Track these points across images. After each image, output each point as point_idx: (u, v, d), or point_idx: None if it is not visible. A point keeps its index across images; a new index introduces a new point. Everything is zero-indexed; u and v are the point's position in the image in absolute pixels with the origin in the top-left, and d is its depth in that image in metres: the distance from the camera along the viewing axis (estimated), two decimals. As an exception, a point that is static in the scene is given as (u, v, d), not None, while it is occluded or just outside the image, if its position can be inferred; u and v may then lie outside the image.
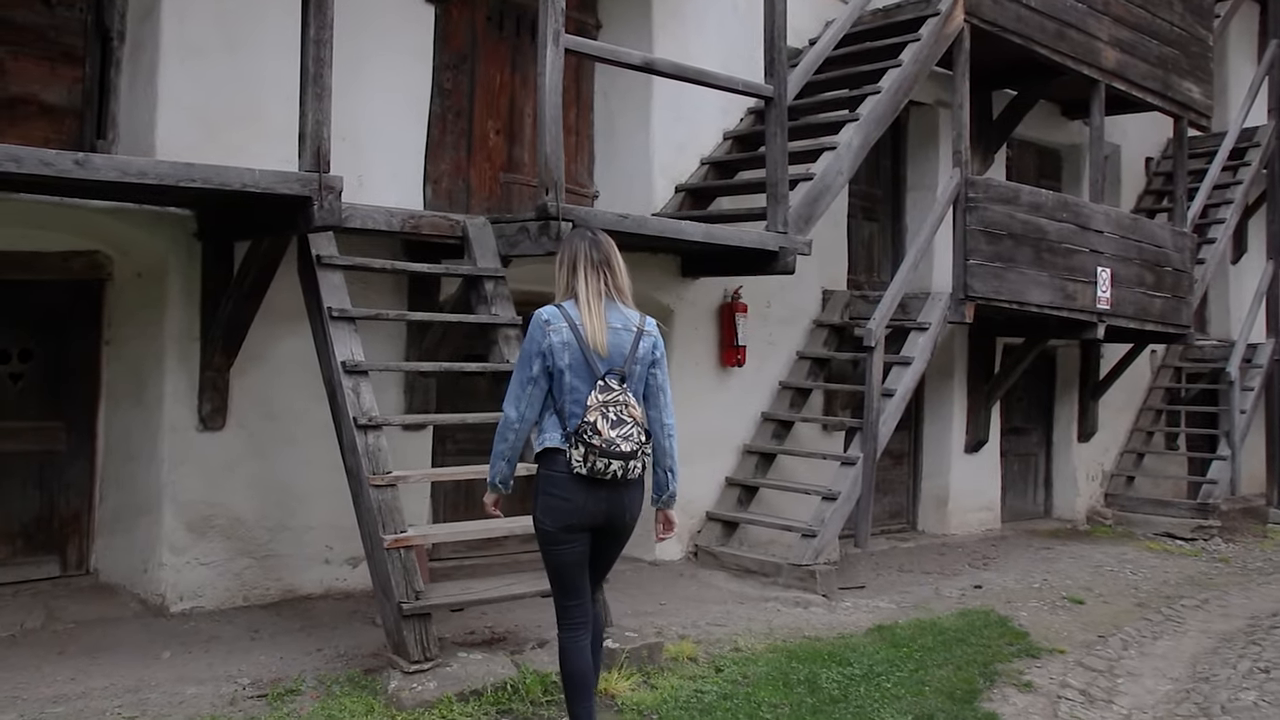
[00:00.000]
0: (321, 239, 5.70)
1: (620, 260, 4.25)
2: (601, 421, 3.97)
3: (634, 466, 4.04)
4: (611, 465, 3.98)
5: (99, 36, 6.36)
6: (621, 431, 3.99)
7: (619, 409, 4.01)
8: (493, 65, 7.96)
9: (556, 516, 4.09)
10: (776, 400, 9.03)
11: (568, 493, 4.06)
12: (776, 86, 7.30)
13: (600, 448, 3.95)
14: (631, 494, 4.16)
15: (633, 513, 4.21)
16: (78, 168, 4.59)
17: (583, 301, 4.12)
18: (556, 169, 6.17)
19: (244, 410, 6.41)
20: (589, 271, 4.16)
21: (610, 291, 4.17)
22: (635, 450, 4.02)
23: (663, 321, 8.27)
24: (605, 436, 3.96)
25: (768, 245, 7.33)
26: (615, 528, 4.20)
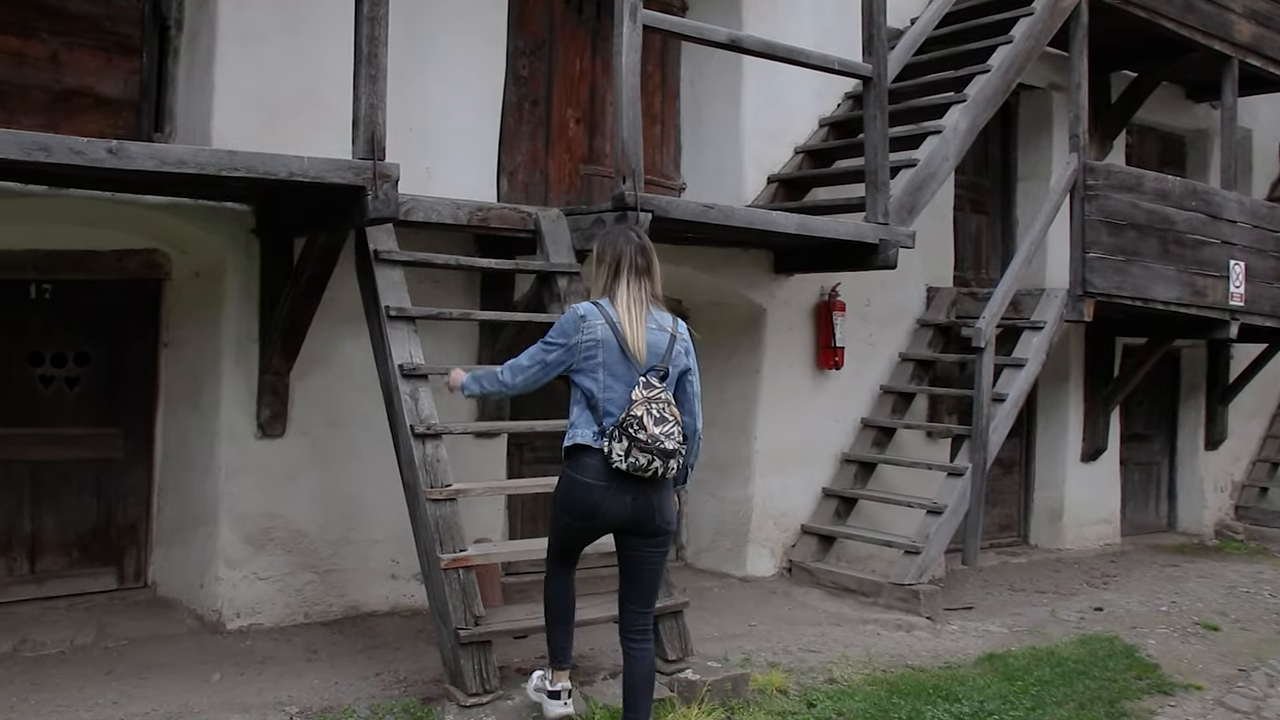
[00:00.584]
0: (380, 233, 5.31)
1: (658, 265, 4.25)
2: (647, 417, 3.94)
3: (673, 466, 4.01)
4: (654, 462, 3.95)
5: (157, 25, 6.07)
6: (665, 429, 3.96)
7: (662, 406, 4.00)
8: (572, 51, 7.53)
9: (579, 514, 4.12)
10: (877, 405, 8.43)
11: (594, 494, 4.04)
12: (876, 65, 6.73)
13: (644, 443, 3.92)
14: (661, 495, 4.10)
15: (664, 515, 4.14)
16: (111, 156, 4.25)
17: (622, 306, 4.11)
18: (634, 156, 5.70)
19: (305, 416, 6.06)
20: (631, 278, 4.15)
21: (648, 299, 4.16)
22: (676, 450, 4.00)
23: (755, 321, 7.78)
24: (650, 432, 3.93)
25: (866, 237, 6.76)
26: (646, 530, 4.12)
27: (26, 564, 5.86)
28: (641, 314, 4.10)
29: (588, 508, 4.07)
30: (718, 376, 7.95)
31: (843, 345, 8.04)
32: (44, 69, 5.76)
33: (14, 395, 5.83)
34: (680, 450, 4.03)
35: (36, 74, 5.74)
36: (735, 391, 7.88)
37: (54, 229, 5.67)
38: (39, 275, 5.80)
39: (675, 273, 7.38)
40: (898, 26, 8.25)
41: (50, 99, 5.77)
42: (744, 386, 7.86)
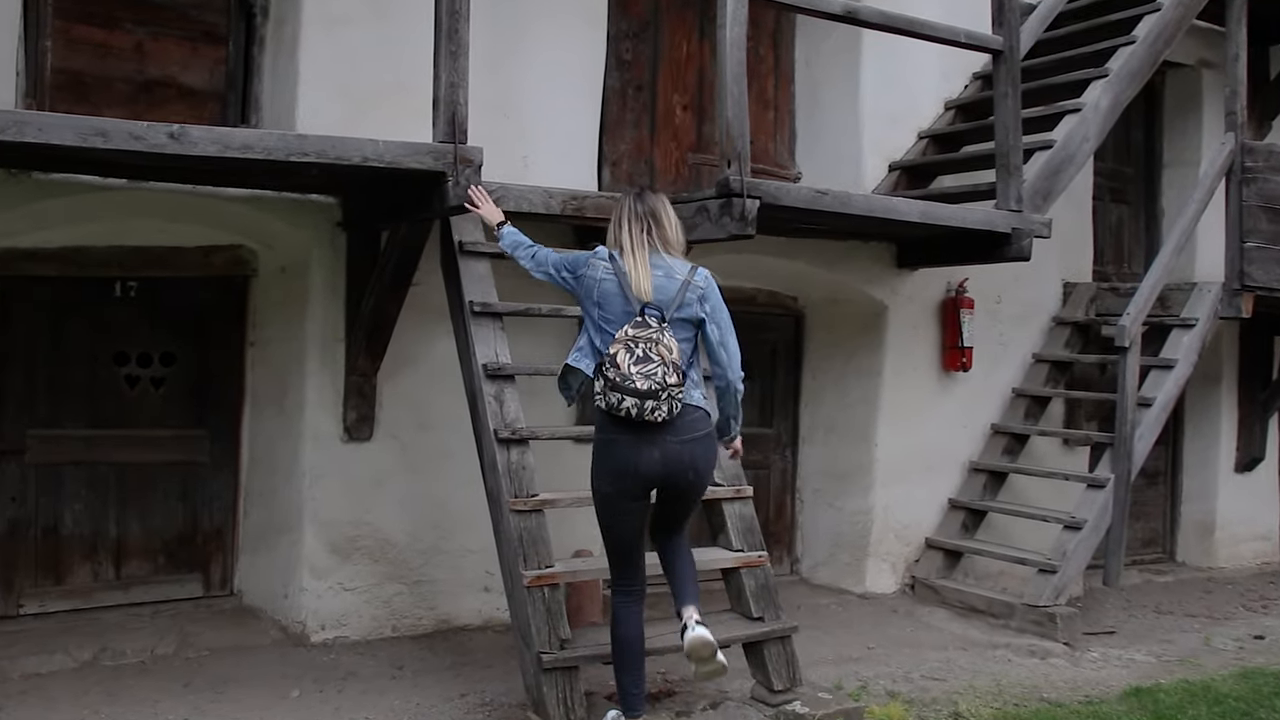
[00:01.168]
0: (465, 223, 4.98)
1: (672, 215, 4.14)
2: (623, 354, 3.82)
3: (651, 406, 3.79)
4: (625, 401, 3.79)
5: (243, 13, 5.86)
6: (643, 369, 3.79)
7: (648, 345, 3.84)
8: (678, 33, 7.11)
9: (607, 478, 3.99)
10: (1009, 410, 7.81)
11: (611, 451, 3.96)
12: (1007, 37, 6.16)
13: (614, 381, 3.80)
14: (691, 448, 3.96)
15: (699, 469, 4.02)
16: (172, 141, 3.99)
17: (626, 250, 4.02)
18: (739, 138, 5.25)
19: (394, 419, 5.76)
20: (632, 222, 4.06)
21: (654, 242, 4.05)
22: (654, 390, 3.78)
23: (875, 320, 7.26)
24: (622, 371, 3.79)
25: (997, 226, 6.19)
26: (681, 486, 4.02)
27: (112, 569, 5.69)
28: (644, 257, 3.99)
29: (615, 464, 3.96)
30: (836, 379, 7.45)
31: (971, 345, 7.45)
32: (128, 60, 5.58)
33: (100, 396, 5.66)
34: (662, 390, 3.79)
35: (120, 66, 5.57)
36: (855, 395, 7.36)
37: (137, 224, 5.49)
38: (124, 272, 5.63)
39: (788, 268, 6.92)
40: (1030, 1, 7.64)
41: (134, 91, 5.59)
42: (864, 389, 7.33)
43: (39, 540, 5.53)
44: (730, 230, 5.20)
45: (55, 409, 5.56)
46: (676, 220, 4.17)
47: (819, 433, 7.54)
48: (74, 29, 5.47)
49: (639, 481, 3.96)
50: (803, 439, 7.62)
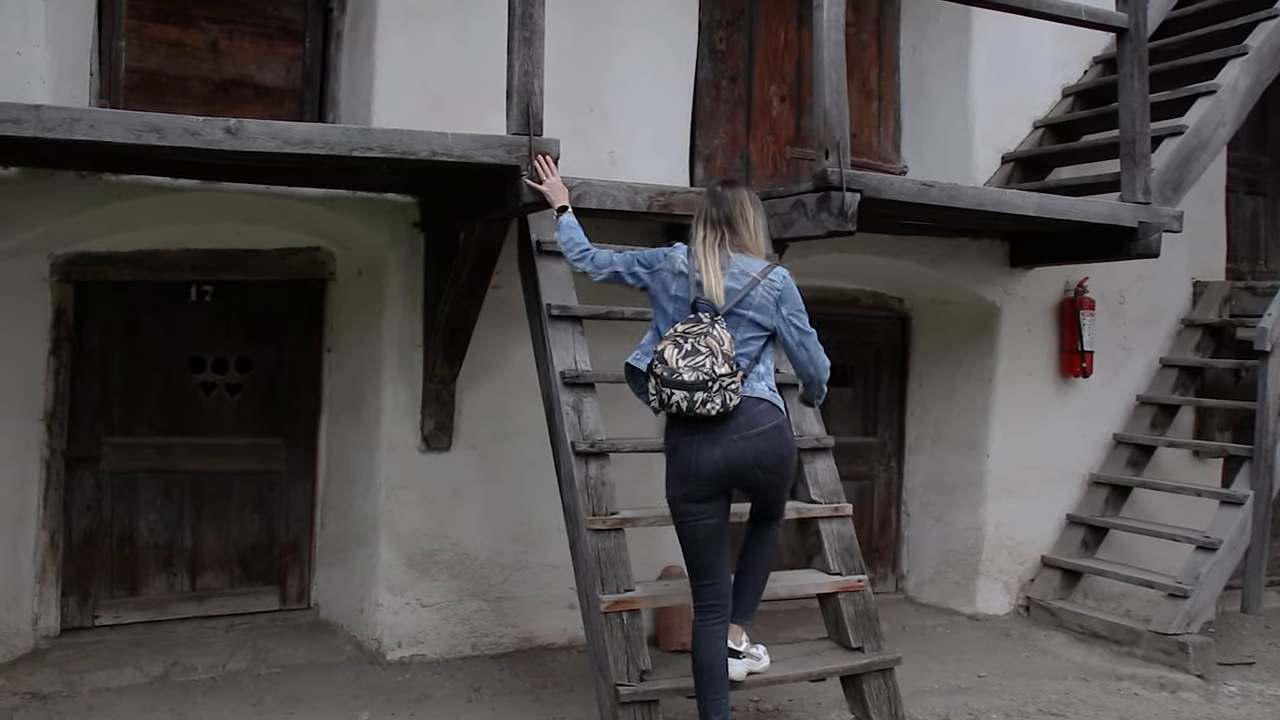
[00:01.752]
0: (544, 222, 4.70)
1: (750, 216, 3.92)
2: (671, 349, 3.70)
3: (701, 398, 3.63)
4: (674, 395, 3.66)
5: (320, 8, 5.67)
6: (691, 362, 3.65)
7: (697, 339, 3.70)
8: (775, 21, 6.74)
9: (674, 482, 3.82)
10: (1133, 419, 7.25)
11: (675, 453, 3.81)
12: (1132, 14, 5.66)
13: (662, 376, 3.68)
14: (754, 442, 3.74)
15: (766, 465, 3.78)
16: (230, 137, 3.78)
17: (698, 253, 3.88)
18: (838, 126, 4.87)
19: (474, 428, 5.51)
20: (707, 228, 3.90)
21: (729, 251, 3.86)
22: (703, 380, 3.63)
23: (987, 322, 6.79)
24: (669, 365, 3.68)
25: (1122, 220, 5.69)
26: (751, 484, 3.84)
27: (187, 580, 5.54)
28: (714, 259, 3.84)
29: (679, 466, 3.79)
30: (945, 385, 7.00)
31: (1091, 349, 6.93)
32: (203, 58, 5.43)
33: (175, 403, 5.52)
34: (712, 381, 3.62)
35: (195, 64, 5.42)
36: (964, 402, 6.90)
37: (212, 226, 5.33)
38: (198, 276, 5.47)
39: (893, 267, 6.50)
40: (1158, -24, 7.11)
41: (209, 90, 5.44)
42: (974, 397, 6.87)
43: (114, 550, 5.40)
44: (829, 226, 4.82)
45: (130, 416, 5.43)
46: (757, 220, 3.95)
47: (926, 442, 7.09)
48: (148, 28, 5.34)
49: (702, 483, 3.76)
50: (909, 449, 7.17)
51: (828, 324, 6.73)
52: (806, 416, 4.77)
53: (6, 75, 4.72)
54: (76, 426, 5.31)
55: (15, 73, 4.74)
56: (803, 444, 4.68)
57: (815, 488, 4.65)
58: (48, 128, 3.65)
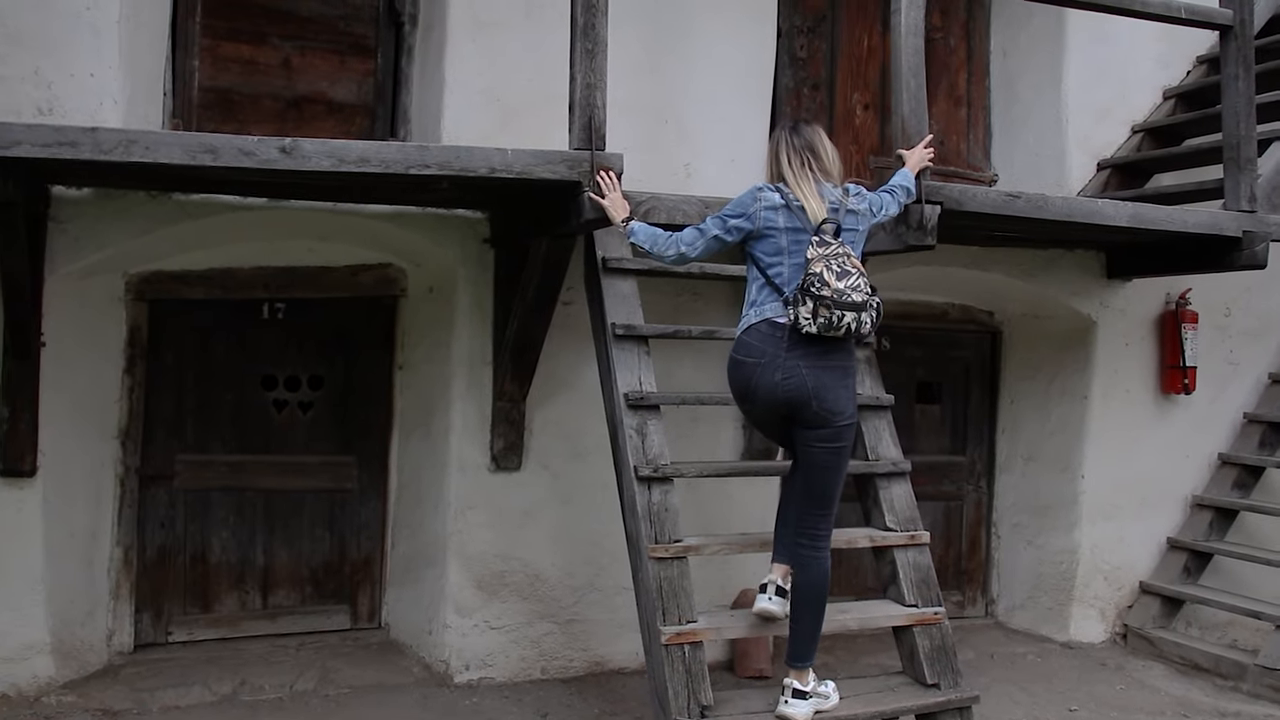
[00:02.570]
0: (611, 238, 4.59)
1: (828, 145, 4.05)
2: (827, 273, 3.73)
3: (865, 320, 3.76)
4: (845, 317, 3.71)
5: (391, 22, 5.63)
6: (849, 283, 3.73)
7: (841, 260, 3.78)
8: (859, 26, 6.55)
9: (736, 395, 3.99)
10: (1239, 438, 6.88)
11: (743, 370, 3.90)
12: (1237, 10, 5.34)
13: (831, 299, 3.70)
14: (823, 375, 3.79)
15: (824, 401, 3.80)
16: (285, 156, 3.73)
17: (789, 178, 3.94)
18: (918, 136, 4.66)
19: (544, 447, 5.41)
20: (791, 155, 3.96)
21: (815, 175, 3.95)
22: (865, 301, 3.75)
23: (1082, 336, 6.53)
24: (834, 287, 3.71)
25: (1225, 229, 5.38)
26: (805, 418, 3.83)
27: (259, 598, 5.53)
28: (808, 183, 3.91)
29: (738, 387, 3.94)
30: (1038, 403, 6.70)
31: (1194, 365, 6.58)
32: (275, 76, 5.43)
33: (248, 420, 5.52)
34: (869, 300, 3.77)
35: (268, 81, 5.42)
36: (1058, 420, 6.60)
37: (284, 244, 5.32)
38: (271, 294, 5.46)
39: (982, 280, 6.25)
40: (1265, -30, 6.74)
41: (281, 107, 5.44)
42: (1068, 414, 6.56)
43: (187, 567, 5.41)
44: (907, 241, 4.63)
45: (203, 434, 5.44)
46: (833, 150, 4.06)
47: (1017, 461, 6.80)
48: (221, 46, 5.35)
49: (760, 405, 3.90)
50: (999, 468, 6.89)
51: (914, 338, 6.58)
52: (883, 439, 4.59)
53: (80, 96, 4.77)
54: (151, 444, 5.34)
55: (88, 94, 4.79)
56: (878, 468, 4.50)
57: (891, 514, 4.45)
58: (104, 150, 3.65)
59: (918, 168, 4.49)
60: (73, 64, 4.77)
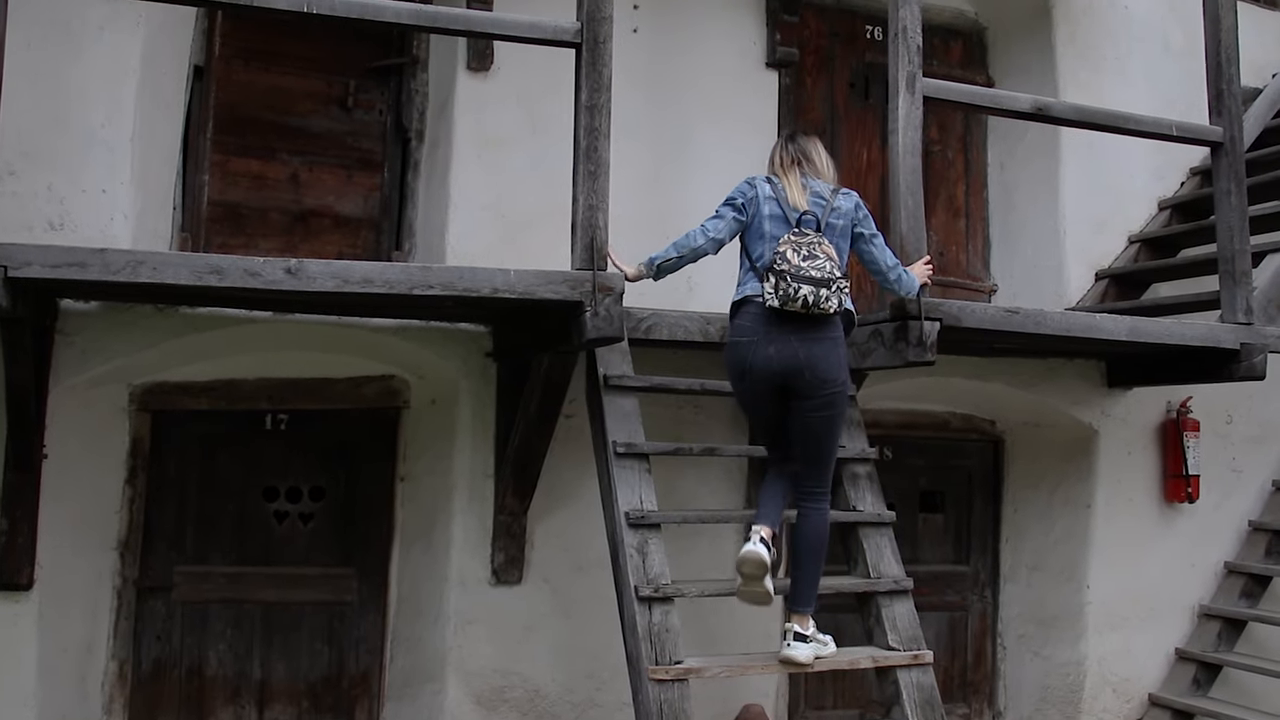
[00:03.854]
0: (612, 355, 4.62)
1: (823, 153, 4.40)
2: (791, 252, 4.02)
3: (824, 295, 3.98)
4: (801, 290, 3.96)
5: (398, 139, 5.76)
6: (812, 263, 4.00)
7: (811, 246, 4.05)
8: (857, 140, 6.67)
9: (733, 374, 4.22)
10: (1246, 546, 6.83)
11: (738, 350, 4.14)
12: (1227, 127, 5.44)
13: (789, 273, 3.98)
14: (809, 347, 4.04)
15: (816, 371, 4.05)
16: (290, 277, 3.79)
17: (781, 175, 4.30)
18: (916, 252, 4.73)
19: (545, 561, 5.39)
20: (784, 156, 4.35)
21: (805, 173, 4.30)
22: (825, 279, 3.99)
23: (1084, 445, 6.51)
24: (793, 263, 3.99)
25: (1222, 342, 5.41)
26: (798, 388, 4.06)
27: (255, 713, 5.45)
28: (794, 177, 4.26)
29: (735, 367, 4.17)
30: (1042, 512, 6.67)
31: (1196, 473, 6.57)
32: (283, 190, 5.54)
33: (247, 532, 5.49)
34: (832, 281, 4.00)
35: (276, 196, 5.54)
36: (1062, 530, 6.56)
37: (288, 356, 5.35)
38: (274, 405, 5.47)
39: (984, 389, 6.27)
40: (1254, 85, 6.88)
41: (289, 221, 5.54)
42: (1072, 524, 6.53)
43: (183, 681, 5.34)
44: (907, 357, 4.65)
45: (203, 545, 5.42)
46: (828, 158, 4.41)
47: (1022, 571, 6.74)
48: (231, 161, 5.46)
49: (755, 381, 4.12)
50: (1004, 578, 6.82)
51: (916, 447, 6.57)
52: (884, 556, 4.56)
53: (91, 211, 4.87)
54: (150, 555, 5.31)
55: (100, 209, 4.89)
56: (880, 586, 4.46)
57: (894, 633, 4.40)
58: (112, 270, 3.71)
59: (922, 280, 4.59)
60: (85, 180, 4.88)
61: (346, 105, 5.65)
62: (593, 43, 4.24)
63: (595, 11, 4.27)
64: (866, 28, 6.68)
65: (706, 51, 6.04)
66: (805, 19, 6.37)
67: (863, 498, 4.67)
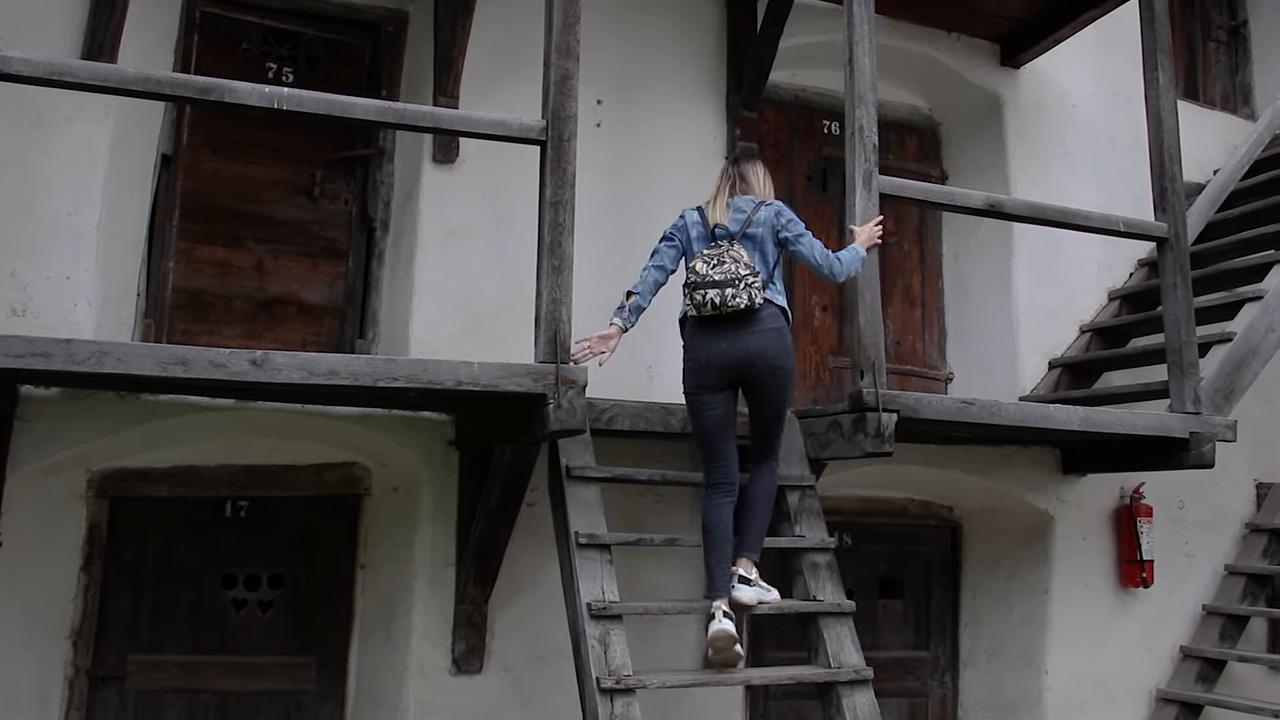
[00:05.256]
0: (575, 445, 4.65)
1: (760, 174, 4.74)
2: (700, 264, 4.41)
3: (730, 294, 4.30)
4: (708, 294, 4.33)
5: (363, 228, 5.82)
6: (719, 269, 4.35)
7: (719, 255, 4.40)
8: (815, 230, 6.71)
9: (688, 377, 4.50)
10: (1200, 630, 6.92)
11: (690, 349, 4.51)
12: (1172, 223, 5.62)
13: (696, 283, 4.37)
14: (758, 338, 4.38)
15: (766, 358, 4.39)
16: (255, 369, 3.80)
17: (712, 197, 4.63)
18: (874, 346, 4.83)
19: (506, 650, 5.37)
20: (723, 179, 4.70)
21: (736, 192, 4.63)
22: (729, 279, 4.32)
23: (1040, 531, 6.61)
24: (701, 274, 4.37)
25: (1172, 431, 5.53)
26: (751, 376, 4.43)
27: (207, 809, 5.35)
28: (722, 197, 4.60)
29: (691, 363, 4.49)
30: (1000, 597, 6.73)
31: (1151, 558, 6.68)
32: (248, 278, 5.57)
33: (205, 620, 5.43)
34: (738, 279, 4.30)
35: (240, 283, 5.57)
36: (1020, 615, 6.63)
37: (248, 443, 5.34)
38: (235, 492, 5.45)
39: (941, 477, 6.36)
40: (1197, 181, 7.12)
41: (253, 309, 5.56)
42: (1030, 609, 6.59)
43: (134, 776, 5.25)
44: (865, 448, 4.73)
45: (159, 633, 5.35)
46: (765, 176, 4.74)
47: (981, 657, 6.78)
48: (197, 249, 5.50)
49: (711, 374, 4.43)
50: (963, 663, 6.85)
51: (875, 533, 6.62)
52: (845, 646, 4.58)
53: (55, 298, 4.88)
54: (104, 644, 5.23)
55: (64, 296, 4.90)
56: (840, 676, 4.48)
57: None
58: (76, 361, 3.70)
59: (868, 243, 4.84)
60: (49, 267, 4.90)
61: (313, 194, 5.71)
62: (557, 140, 4.34)
63: (560, 110, 4.37)
64: (824, 123, 6.86)
65: (669, 145, 6.17)
66: (764, 114, 6.54)
67: (822, 587, 4.71)
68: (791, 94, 6.81)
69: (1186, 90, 8.03)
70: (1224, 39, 8.48)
